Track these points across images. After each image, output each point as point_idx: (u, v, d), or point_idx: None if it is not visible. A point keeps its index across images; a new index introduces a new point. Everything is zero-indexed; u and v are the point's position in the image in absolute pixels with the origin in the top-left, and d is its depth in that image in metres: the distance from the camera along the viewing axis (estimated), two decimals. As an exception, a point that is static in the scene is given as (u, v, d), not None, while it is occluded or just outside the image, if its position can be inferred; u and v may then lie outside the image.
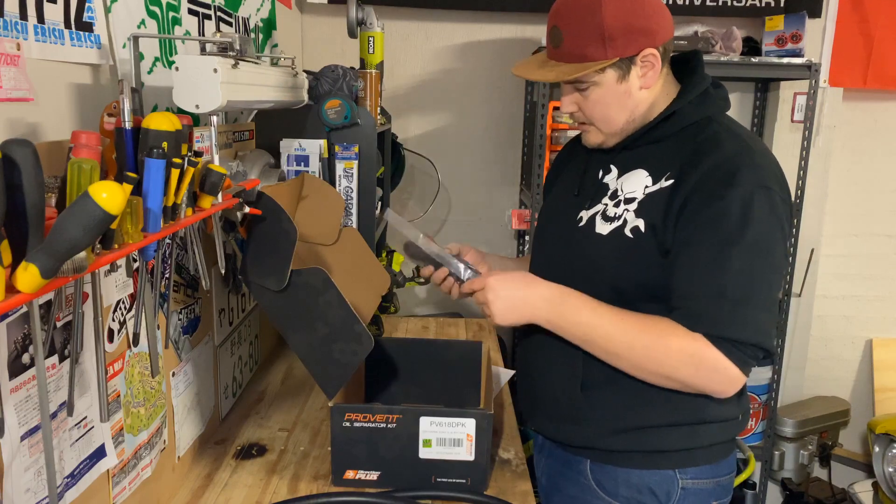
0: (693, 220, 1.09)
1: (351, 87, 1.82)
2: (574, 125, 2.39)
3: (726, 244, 1.07)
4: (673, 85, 1.21)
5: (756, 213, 1.07)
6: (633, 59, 1.13)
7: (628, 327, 1.12)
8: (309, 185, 1.48)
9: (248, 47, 1.12)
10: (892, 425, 2.59)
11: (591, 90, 1.16)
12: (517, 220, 2.53)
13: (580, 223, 1.23)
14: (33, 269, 0.62)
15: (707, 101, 1.19)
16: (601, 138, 1.23)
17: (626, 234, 1.15)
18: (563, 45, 1.14)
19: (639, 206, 1.15)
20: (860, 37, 2.66)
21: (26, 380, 0.79)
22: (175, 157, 0.86)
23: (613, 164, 1.24)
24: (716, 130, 1.16)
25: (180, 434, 1.27)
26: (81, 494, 0.93)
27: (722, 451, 1.23)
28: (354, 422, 1.23)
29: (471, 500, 1.24)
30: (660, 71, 1.16)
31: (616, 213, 1.18)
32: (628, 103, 1.17)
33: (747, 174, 1.08)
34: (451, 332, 2.22)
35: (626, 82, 1.15)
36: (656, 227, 1.12)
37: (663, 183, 1.14)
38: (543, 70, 1.18)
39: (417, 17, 2.62)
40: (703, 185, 1.09)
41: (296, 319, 1.24)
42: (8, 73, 0.78)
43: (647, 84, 1.16)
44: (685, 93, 1.19)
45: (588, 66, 1.12)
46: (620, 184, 1.21)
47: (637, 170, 1.19)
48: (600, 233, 1.18)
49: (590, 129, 1.23)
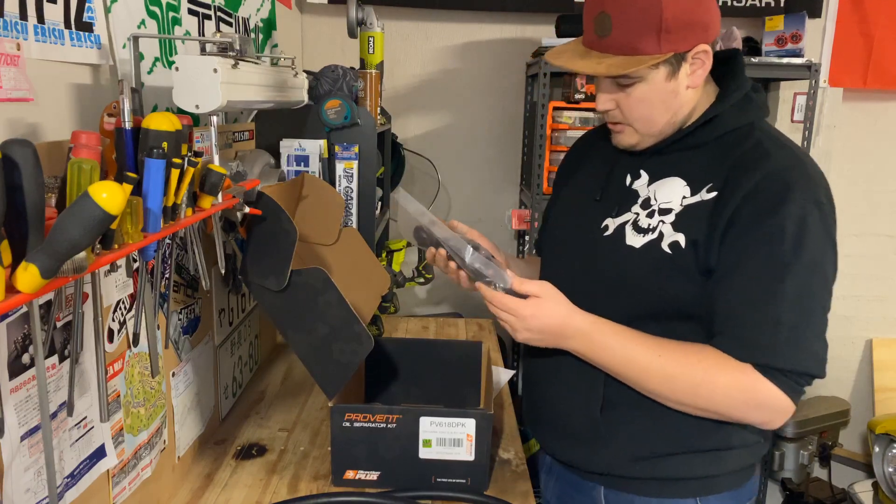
0: (743, 239, 1.00)
1: (351, 87, 1.82)
2: (575, 125, 2.40)
3: (780, 266, 0.98)
4: (712, 86, 1.13)
5: (811, 232, 0.99)
6: (684, 55, 1.03)
7: (669, 361, 1.03)
8: (309, 185, 1.48)
9: (248, 47, 1.12)
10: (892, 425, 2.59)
11: (635, 87, 1.05)
12: (517, 220, 2.53)
13: (605, 232, 1.13)
14: (33, 269, 0.62)
15: (749, 105, 1.10)
16: (635, 140, 1.12)
17: (663, 249, 1.06)
18: (611, 35, 1.02)
19: (677, 218, 1.06)
20: (860, 37, 2.66)
21: (26, 380, 0.79)
22: (175, 158, 0.86)
23: (643, 170, 1.14)
24: (760, 139, 1.07)
25: (180, 434, 1.27)
26: (81, 494, 0.93)
27: (745, 475, 1.16)
28: (354, 422, 1.23)
29: (471, 500, 1.24)
30: (709, 69, 1.06)
31: (650, 224, 1.08)
32: (673, 104, 1.07)
33: (801, 189, 1.00)
34: (451, 332, 2.22)
35: (674, 80, 1.05)
36: (698, 243, 1.03)
37: (704, 195, 1.05)
38: (588, 61, 1.05)
39: (417, 17, 2.62)
40: (752, 200, 1.00)
41: (296, 319, 1.24)
42: (8, 73, 0.78)
43: (694, 83, 1.06)
44: (726, 96, 1.10)
45: (641, 60, 1.00)
46: (653, 192, 1.11)
47: (671, 177, 1.10)
48: (631, 245, 1.09)
49: (625, 129, 1.12)
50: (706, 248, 1.03)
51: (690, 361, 1.02)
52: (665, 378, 1.04)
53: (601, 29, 1.03)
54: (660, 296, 1.07)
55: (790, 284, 0.98)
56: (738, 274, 1.01)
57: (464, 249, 1.09)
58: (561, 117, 2.38)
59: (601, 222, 1.15)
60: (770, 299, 0.99)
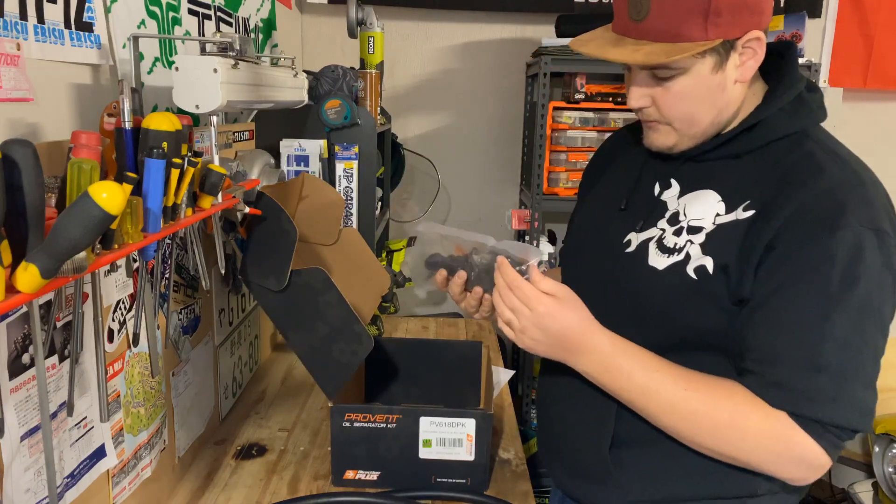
0: (784, 269, 0.87)
1: (351, 87, 1.82)
2: (575, 125, 2.40)
3: (828, 303, 0.84)
4: (760, 84, 0.98)
5: (867, 262, 0.84)
6: (734, 42, 0.89)
7: (695, 397, 0.90)
8: (309, 185, 1.48)
9: (248, 47, 1.12)
10: (892, 425, 2.59)
11: (676, 80, 0.91)
12: (517, 220, 2.53)
13: (628, 248, 1.01)
14: (33, 269, 0.62)
15: (802, 109, 0.95)
16: (672, 141, 0.98)
17: (689, 274, 0.93)
18: (648, 19, 0.88)
19: (707, 238, 0.93)
20: (860, 37, 2.66)
21: (26, 380, 0.79)
22: (175, 158, 0.86)
23: (674, 178, 1.01)
24: (812, 150, 0.92)
25: (180, 434, 1.27)
26: (81, 494, 0.93)
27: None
28: (354, 422, 1.23)
29: (471, 500, 1.24)
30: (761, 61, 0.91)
31: (676, 243, 0.95)
32: (719, 100, 0.92)
33: (856, 212, 0.85)
34: (451, 332, 2.22)
35: (721, 73, 0.90)
36: (729, 269, 0.90)
37: (740, 213, 0.91)
38: (622, 49, 0.90)
39: (417, 17, 2.62)
40: (797, 223, 0.86)
41: (296, 319, 1.24)
42: (8, 73, 0.78)
43: (743, 77, 0.92)
44: (775, 96, 0.95)
45: (685, 47, 0.86)
46: (683, 205, 0.98)
47: (705, 190, 0.96)
48: (654, 266, 0.96)
49: (662, 128, 0.97)
50: (739, 274, 0.90)
51: (719, 398, 0.89)
52: (687, 414, 0.91)
53: (636, 11, 0.89)
54: (683, 325, 0.95)
55: (838, 323, 0.84)
56: (777, 306, 0.87)
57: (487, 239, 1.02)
58: (561, 117, 2.38)
59: (624, 236, 1.03)
60: (813, 339, 0.85)
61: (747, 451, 0.90)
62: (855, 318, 0.85)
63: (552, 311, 0.92)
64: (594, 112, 2.38)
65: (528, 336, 0.94)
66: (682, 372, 0.92)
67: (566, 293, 0.94)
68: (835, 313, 0.84)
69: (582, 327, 0.93)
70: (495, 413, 1.47)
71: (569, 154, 2.39)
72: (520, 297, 0.93)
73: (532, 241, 2.41)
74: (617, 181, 1.11)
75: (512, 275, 0.94)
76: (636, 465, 1.01)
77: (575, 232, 1.20)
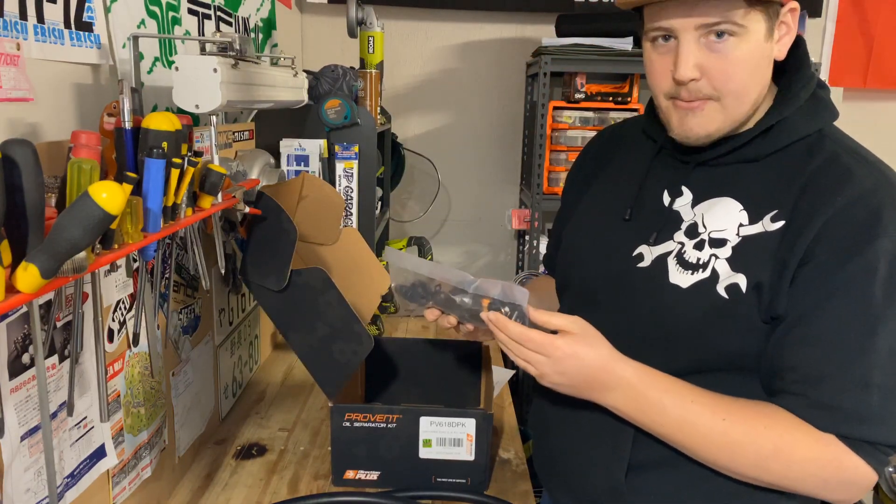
0: (822, 283, 0.81)
1: (351, 86, 1.82)
2: (575, 124, 2.40)
3: (870, 316, 0.79)
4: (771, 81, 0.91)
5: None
6: (778, 10, 0.82)
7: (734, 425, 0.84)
8: (309, 185, 1.48)
9: (247, 47, 1.12)
10: (892, 425, 2.58)
11: (733, 44, 0.82)
12: (517, 220, 2.53)
13: (640, 262, 0.93)
14: (33, 269, 0.62)
15: (819, 107, 0.90)
16: (716, 124, 0.87)
17: (719, 293, 0.86)
18: None
19: (734, 252, 0.86)
20: (860, 37, 2.66)
21: (26, 380, 0.79)
22: (175, 157, 0.86)
23: (686, 186, 0.94)
24: (837, 153, 0.86)
25: (180, 434, 1.27)
26: (81, 494, 0.93)
27: None
28: (354, 422, 1.23)
29: (471, 500, 1.24)
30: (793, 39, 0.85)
31: (699, 258, 0.88)
32: (766, 76, 0.85)
33: (893, 217, 0.80)
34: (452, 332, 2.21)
35: (771, 42, 0.83)
36: (763, 287, 0.84)
37: (768, 224, 0.85)
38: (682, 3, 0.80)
39: (417, 17, 2.61)
40: (832, 234, 0.81)
41: (296, 319, 1.24)
42: (8, 73, 0.78)
43: (781, 53, 0.85)
44: (790, 95, 0.89)
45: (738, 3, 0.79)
46: (700, 215, 0.91)
47: (723, 198, 0.90)
48: (676, 284, 0.89)
49: (707, 108, 0.86)
50: (773, 292, 0.83)
51: (761, 427, 0.83)
52: (728, 446, 0.85)
53: None
54: (711, 347, 0.88)
55: (883, 338, 0.79)
56: (818, 323, 0.82)
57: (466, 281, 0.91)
58: (561, 117, 2.38)
59: (633, 249, 0.96)
60: (858, 357, 0.80)
61: (792, 479, 0.84)
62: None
63: (569, 352, 0.86)
64: (594, 112, 2.38)
65: (549, 380, 0.89)
66: (719, 400, 0.86)
67: (580, 327, 0.88)
68: (880, 326, 0.79)
69: (603, 363, 0.87)
70: (495, 413, 1.47)
71: (569, 154, 2.39)
72: (532, 349, 0.87)
73: (532, 241, 2.41)
74: (615, 188, 1.04)
75: (515, 330, 0.87)
76: (655, 490, 0.94)
77: (570, 242, 1.10)
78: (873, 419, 0.80)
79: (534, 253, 2.42)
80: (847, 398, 0.80)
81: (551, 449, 1.08)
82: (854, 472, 0.82)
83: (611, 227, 1.00)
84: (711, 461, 0.87)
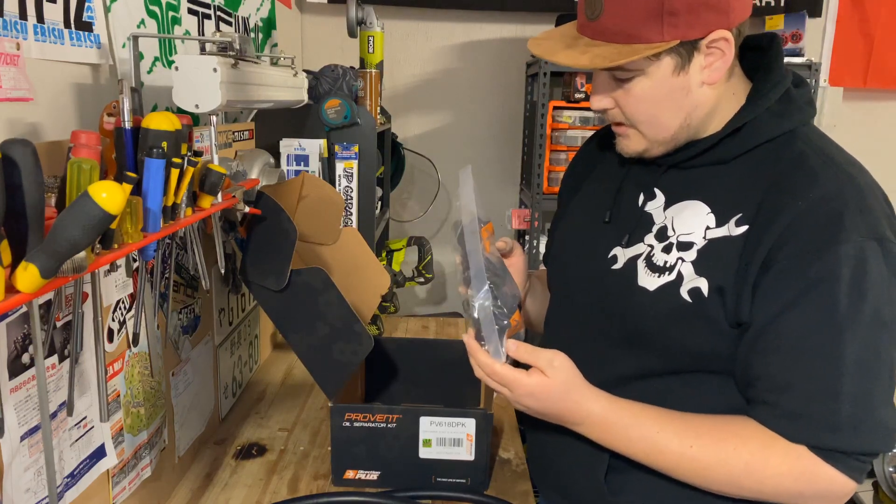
0: (785, 289, 0.81)
1: (351, 86, 1.82)
2: (575, 124, 2.40)
3: (836, 323, 0.79)
4: (741, 82, 0.91)
5: (872, 275, 0.79)
6: (696, 43, 0.83)
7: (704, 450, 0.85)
8: (309, 185, 1.48)
9: (247, 47, 1.12)
10: (893, 425, 2.58)
11: (635, 82, 0.86)
12: (517, 219, 2.53)
13: (614, 264, 0.95)
14: (33, 269, 0.62)
15: (790, 107, 0.89)
16: (643, 146, 0.92)
17: (682, 297, 0.87)
18: (602, 18, 0.83)
19: (699, 256, 0.87)
20: (860, 36, 2.67)
21: (26, 380, 0.79)
22: (175, 157, 0.86)
23: (658, 188, 0.95)
24: (804, 153, 0.86)
25: (180, 434, 1.27)
26: (81, 494, 0.93)
27: None
28: (354, 422, 1.23)
29: (471, 500, 1.24)
30: (730, 62, 0.86)
31: (667, 261, 0.89)
32: (685, 103, 0.87)
33: (856, 221, 0.79)
34: (451, 332, 2.22)
35: (684, 74, 0.85)
36: (725, 291, 0.84)
37: (733, 228, 0.86)
38: (572, 52, 0.85)
39: (417, 17, 2.62)
40: (794, 237, 0.80)
41: (296, 319, 1.24)
42: (8, 72, 0.78)
43: (711, 79, 0.86)
44: (760, 95, 0.89)
45: (636, 49, 0.81)
46: (670, 218, 0.92)
47: (692, 201, 0.91)
48: (644, 287, 0.90)
49: (629, 132, 0.92)
50: (736, 297, 0.84)
51: (730, 448, 0.84)
52: (699, 470, 0.86)
53: (591, 10, 0.84)
54: (679, 349, 0.89)
55: (850, 345, 0.79)
56: (783, 330, 0.82)
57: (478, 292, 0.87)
58: (561, 117, 2.38)
59: (608, 251, 0.97)
60: (827, 363, 0.80)
61: (767, 494, 0.85)
62: (867, 336, 0.79)
63: (531, 391, 0.88)
64: (594, 112, 2.38)
65: (522, 406, 0.92)
66: (688, 424, 0.87)
67: (546, 360, 0.88)
68: (846, 333, 0.79)
69: (569, 399, 0.89)
70: (495, 413, 1.47)
71: (569, 154, 2.39)
72: (498, 381, 0.89)
73: (532, 241, 2.41)
74: (598, 190, 1.05)
75: (485, 361, 0.88)
76: (635, 489, 0.96)
77: (558, 243, 1.13)
78: (844, 428, 0.80)
79: (534, 252, 2.42)
80: (816, 407, 0.80)
81: (541, 449, 1.11)
82: (829, 483, 0.82)
83: (591, 228, 1.02)
84: (688, 481, 0.89)
